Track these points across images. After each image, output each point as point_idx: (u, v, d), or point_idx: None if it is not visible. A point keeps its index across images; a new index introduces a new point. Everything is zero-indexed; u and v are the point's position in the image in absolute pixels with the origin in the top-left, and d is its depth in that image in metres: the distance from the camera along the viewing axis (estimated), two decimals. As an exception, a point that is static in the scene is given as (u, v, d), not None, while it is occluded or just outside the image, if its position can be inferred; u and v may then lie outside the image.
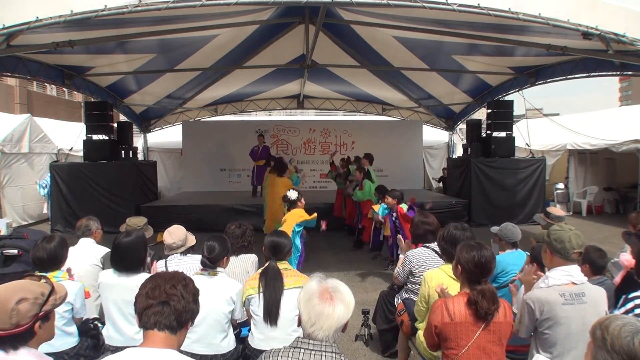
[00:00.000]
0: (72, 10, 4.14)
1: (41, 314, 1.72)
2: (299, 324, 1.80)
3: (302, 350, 1.73)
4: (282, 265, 3.02)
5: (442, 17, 5.59)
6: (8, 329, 1.62)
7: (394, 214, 6.27)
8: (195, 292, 1.76)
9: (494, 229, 4.13)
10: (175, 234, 3.49)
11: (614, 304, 3.23)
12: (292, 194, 5.48)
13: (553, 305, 2.41)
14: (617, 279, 3.67)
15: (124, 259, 2.98)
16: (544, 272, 2.66)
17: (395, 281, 3.94)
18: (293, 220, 5.09)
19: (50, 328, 1.82)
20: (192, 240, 3.62)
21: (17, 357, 1.65)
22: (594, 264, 3.38)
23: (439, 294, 2.81)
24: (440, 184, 14.36)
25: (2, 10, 4.22)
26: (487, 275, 2.44)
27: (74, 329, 3.00)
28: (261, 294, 2.90)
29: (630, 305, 2.69)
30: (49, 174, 11.21)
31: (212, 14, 5.91)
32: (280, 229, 4.75)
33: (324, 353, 1.72)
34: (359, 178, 8.04)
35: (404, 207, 6.04)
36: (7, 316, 1.62)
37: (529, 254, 3.49)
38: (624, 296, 2.83)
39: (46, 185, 11.20)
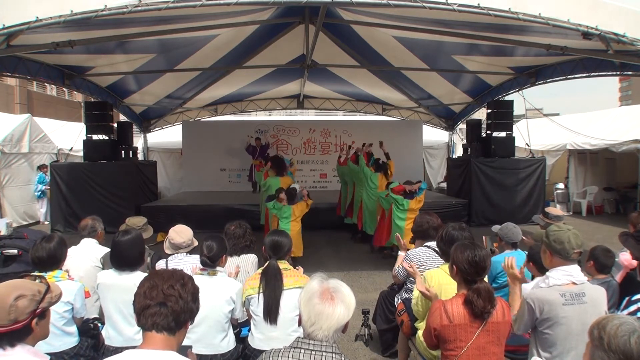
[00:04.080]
0: (72, 10, 4.14)
1: (38, 310, 1.76)
2: (300, 323, 1.80)
3: (302, 351, 1.73)
4: (282, 265, 3.02)
5: (442, 17, 5.59)
6: (7, 325, 1.66)
7: None
8: (194, 291, 1.74)
9: (495, 228, 4.12)
10: (183, 233, 3.48)
11: (617, 303, 3.24)
12: (297, 187, 6.46)
13: (553, 305, 2.41)
14: (617, 278, 3.68)
15: (123, 257, 2.99)
16: (543, 273, 2.66)
17: (395, 280, 3.94)
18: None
19: (46, 326, 1.86)
20: (195, 240, 3.63)
21: (14, 354, 1.67)
22: (598, 260, 3.38)
23: (422, 292, 2.82)
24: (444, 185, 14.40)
25: (2, 10, 4.22)
26: (482, 274, 2.43)
27: (74, 329, 3.00)
28: (261, 294, 2.90)
29: (633, 307, 2.69)
30: (39, 175, 11.27)
31: (212, 14, 5.91)
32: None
33: (324, 353, 1.72)
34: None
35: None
36: (6, 312, 1.66)
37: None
38: (627, 298, 2.83)
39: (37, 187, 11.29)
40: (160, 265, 3.49)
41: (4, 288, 1.74)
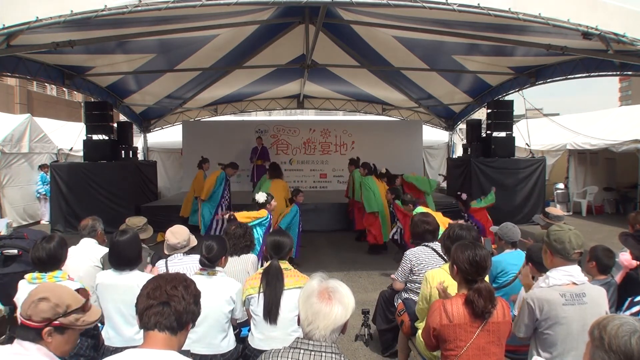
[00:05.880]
0: (72, 10, 4.14)
1: (55, 322, 1.73)
2: (299, 322, 1.80)
3: (301, 351, 1.73)
4: (283, 265, 3.02)
5: (442, 17, 5.59)
6: (24, 317, 1.71)
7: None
8: (196, 294, 1.76)
9: (494, 228, 4.15)
10: (179, 234, 3.48)
11: (615, 303, 3.24)
12: (261, 197, 5.69)
13: (553, 305, 2.41)
14: (617, 278, 3.68)
15: (121, 257, 3.00)
16: (542, 273, 2.66)
17: (394, 285, 3.90)
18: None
19: (64, 345, 1.77)
20: (194, 240, 3.63)
21: (27, 352, 1.67)
22: (600, 261, 3.39)
23: (439, 291, 2.81)
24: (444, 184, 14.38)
25: (2, 10, 4.22)
26: (483, 274, 2.43)
27: (74, 328, 3.00)
28: (261, 294, 2.90)
29: (635, 309, 2.68)
30: (41, 175, 11.28)
31: (212, 14, 5.91)
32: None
33: (323, 354, 1.71)
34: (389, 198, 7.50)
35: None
36: (27, 306, 1.71)
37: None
38: (629, 299, 2.82)
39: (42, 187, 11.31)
40: (160, 265, 3.50)
41: (44, 285, 1.83)
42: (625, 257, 3.82)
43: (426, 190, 8.57)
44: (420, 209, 5.98)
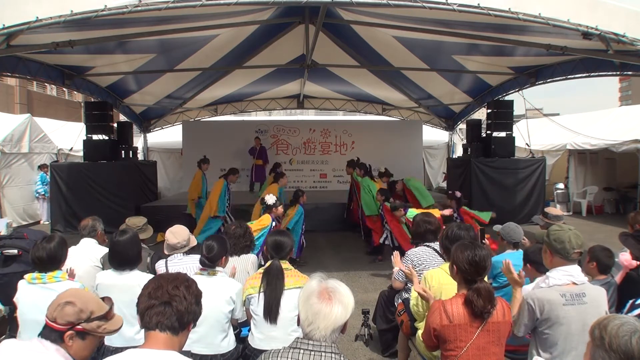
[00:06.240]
0: (72, 10, 4.14)
1: (78, 327, 1.75)
2: (299, 323, 1.80)
3: (301, 351, 1.73)
4: (284, 265, 3.02)
5: (442, 17, 5.59)
6: (49, 318, 1.75)
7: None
8: (198, 294, 1.76)
9: (497, 227, 4.13)
10: (179, 234, 3.48)
11: (615, 303, 3.23)
12: (270, 199, 5.70)
13: (554, 305, 2.41)
14: (617, 278, 3.67)
15: (122, 257, 3.00)
16: (542, 273, 2.66)
17: (395, 285, 3.89)
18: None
19: (83, 350, 1.80)
20: (194, 240, 3.62)
21: (46, 351, 1.70)
22: (601, 262, 3.38)
23: (419, 293, 2.82)
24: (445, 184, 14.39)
25: (2, 10, 4.22)
26: (482, 273, 2.42)
27: (74, 328, 3.00)
28: (261, 294, 2.90)
29: (636, 311, 2.68)
30: (41, 175, 11.28)
31: (212, 14, 5.91)
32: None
33: (323, 354, 1.71)
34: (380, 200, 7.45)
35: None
36: (53, 308, 1.76)
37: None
38: (630, 301, 2.82)
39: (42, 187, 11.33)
40: (160, 265, 3.50)
41: (71, 290, 1.89)
42: (625, 257, 3.81)
43: (421, 203, 8.34)
44: (412, 211, 5.95)
